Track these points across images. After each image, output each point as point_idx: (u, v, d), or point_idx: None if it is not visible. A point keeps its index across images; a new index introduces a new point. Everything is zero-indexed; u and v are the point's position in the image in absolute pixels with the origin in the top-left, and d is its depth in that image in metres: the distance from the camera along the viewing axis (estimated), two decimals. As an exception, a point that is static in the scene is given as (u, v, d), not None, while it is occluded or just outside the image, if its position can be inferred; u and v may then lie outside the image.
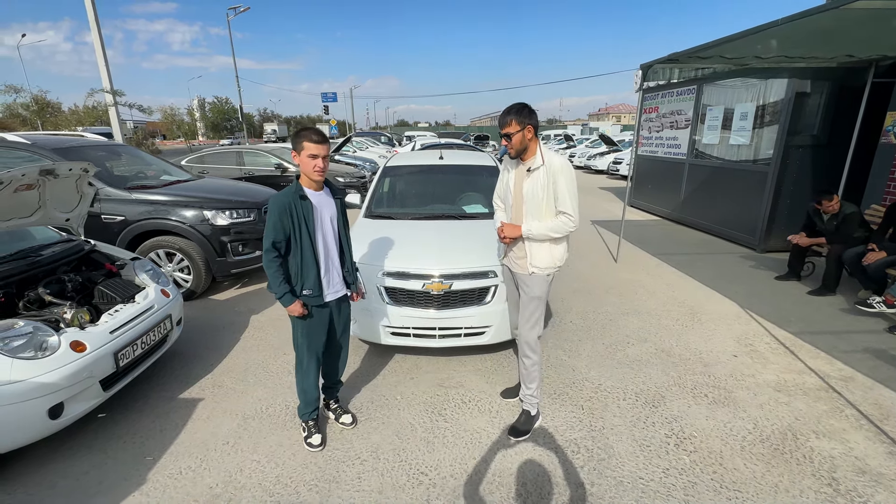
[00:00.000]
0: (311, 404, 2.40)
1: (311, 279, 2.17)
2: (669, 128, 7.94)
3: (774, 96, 5.55)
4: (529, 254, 2.37)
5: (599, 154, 16.80)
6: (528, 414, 2.55)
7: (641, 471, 2.21)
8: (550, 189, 2.25)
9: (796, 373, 3.07)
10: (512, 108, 2.24)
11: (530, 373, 2.49)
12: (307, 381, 2.35)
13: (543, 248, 2.35)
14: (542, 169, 2.25)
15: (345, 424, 2.55)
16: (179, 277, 4.40)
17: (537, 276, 2.38)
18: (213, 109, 56.97)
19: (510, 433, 2.48)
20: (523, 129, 2.22)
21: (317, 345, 2.32)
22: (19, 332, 2.17)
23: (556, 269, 2.41)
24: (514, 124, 2.21)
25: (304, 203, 2.10)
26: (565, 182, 2.23)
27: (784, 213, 5.73)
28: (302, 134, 2.08)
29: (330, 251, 2.26)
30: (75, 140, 4.77)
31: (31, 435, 2.13)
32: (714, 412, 2.65)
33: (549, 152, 2.29)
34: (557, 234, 2.27)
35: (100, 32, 12.17)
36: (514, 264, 2.49)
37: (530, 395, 2.52)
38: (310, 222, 2.12)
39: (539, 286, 2.40)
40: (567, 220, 2.25)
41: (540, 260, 2.36)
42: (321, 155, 2.07)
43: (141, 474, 2.22)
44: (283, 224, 2.06)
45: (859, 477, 2.14)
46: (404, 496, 2.08)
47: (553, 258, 2.37)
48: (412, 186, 4.45)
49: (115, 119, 13.34)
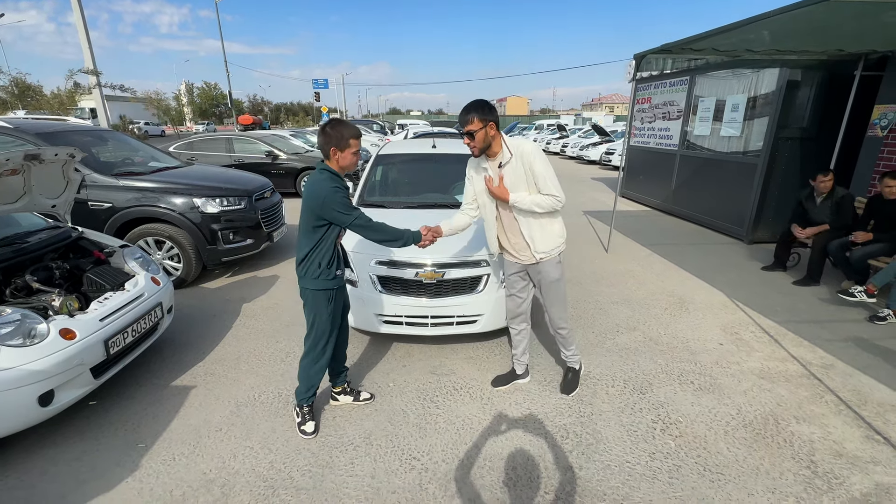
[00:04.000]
0: (312, 388, 2.42)
1: (342, 260, 2.35)
2: (662, 118, 7.96)
3: (765, 88, 5.59)
4: (531, 242, 2.39)
5: (592, 144, 16.81)
6: (573, 370, 2.78)
7: (628, 455, 2.27)
8: (529, 176, 2.26)
9: (779, 360, 3.15)
10: (472, 106, 2.23)
11: (567, 339, 2.68)
12: (319, 364, 2.37)
13: (541, 230, 2.37)
14: (514, 159, 2.26)
15: (366, 400, 2.69)
16: (169, 265, 4.36)
17: (547, 260, 2.42)
18: (202, 95, 55.77)
19: (562, 391, 2.74)
20: (485, 126, 2.21)
21: (337, 327, 2.41)
22: (7, 319, 2.14)
23: (561, 248, 2.44)
24: (475, 121, 2.20)
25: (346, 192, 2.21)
26: (540, 164, 2.25)
27: (772, 204, 5.82)
28: (346, 131, 2.12)
29: None
30: (59, 125, 4.67)
31: (21, 422, 2.12)
32: (699, 398, 2.72)
33: (513, 140, 2.30)
34: (541, 209, 2.29)
35: (82, 12, 11.82)
36: (519, 257, 2.50)
37: (571, 355, 2.74)
38: None
39: (553, 269, 2.45)
40: (553, 199, 2.27)
41: (543, 243, 2.39)
42: (360, 149, 2.20)
43: (134, 461, 2.23)
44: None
45: (836, 460, 2.22)
46: (397, 481, 2.11)
47: (554, 237, 2.40)
48: (405, 175, 4.43)
49: (99, 102, 13.02)
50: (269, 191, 5.17)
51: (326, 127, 2.15)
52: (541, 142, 23.22)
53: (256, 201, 4.74)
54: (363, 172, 4.29)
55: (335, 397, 2.66)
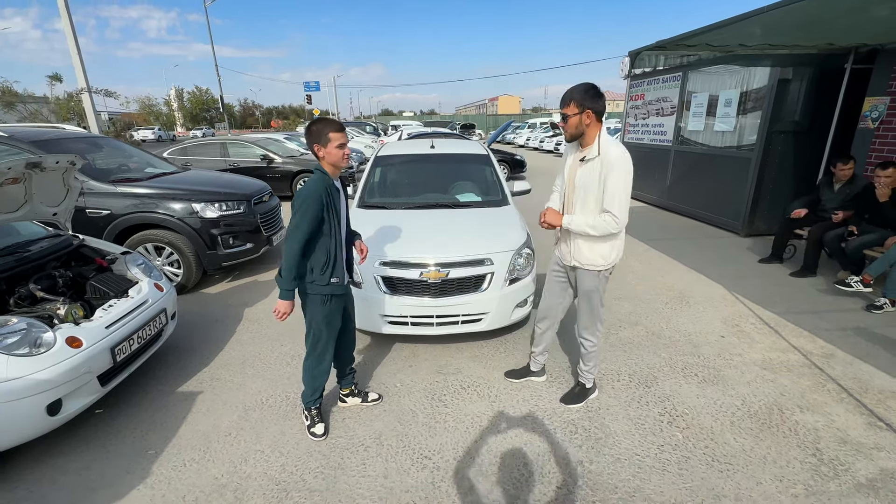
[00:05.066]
0: (318, 390, 2.42)
1: (340, 268, 2.24)
2: (655, 115, 8.02)
3: (758, 83, 5.66)
4: (573, 247, 2.34)
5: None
6: (582, 386, 2.66)
7: (637, 448, 2.29)
8: (601, 183, 2.12)
9: (781, 351, 3.19)
10: (575, 89, 2.09)
11: (589, 354, 2.56)
12: (321, 367, 2.37)
13: (585, 243, 2.29)
14: (598, 160, 2.12)
15: (374, 401, 2.69)
16: (169, 271, 4.33)
17: (581, 270, 2.36)
18: (192, 100, 55.43)
19: (564, 400, 2.64)
20: (581, 114, 2.07)
21: (336, 329, 2.37)
22: (13, 328, 2.13)
23: (603, 268, 2.32)
24: (572, 106, 2.08)
25: (336, 194, 2.17)
26: (617, 177, 2.08)
27: (767, 197, 5.88)
28: (324, 126, 2.09)
29: (347, 237, 2.36)
30: (54, 132, 4.62)
31: (30, 432, 2.11)
32: (704, 390, 2.75)
33: (608, 142, 2.13)
34: (597, 232, 2.17)
35: (70, 19, 11.70)
36: (564, 255, 2.46)
37: (587, 371, 2.61)
38: (340, 211, 2.20)
39: (586, 280, 2.37)
40: (610, 220, 2.12)
41: (582, 255, 2.31)
42: (345, 143, 2.12)
43: (144, 468, 2.22)
44: (317, 216, 2.08)
45: (841, 447, 2.26)
46: (410, 480, 2.12)
47: (596, 255, 2.29)
48: (404, 176, 4.45)
49: (90, 109, 12.89)
50: (268, 194, 5.16)
51: (310, 126, 2.13)
52: (534, 140, 23.29)
53: (255, 205, 4.73)
54: (362, 174, 4.30)
55: (343, 399, 2.67)
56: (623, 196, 2.11)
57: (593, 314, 2.46)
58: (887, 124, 4.83)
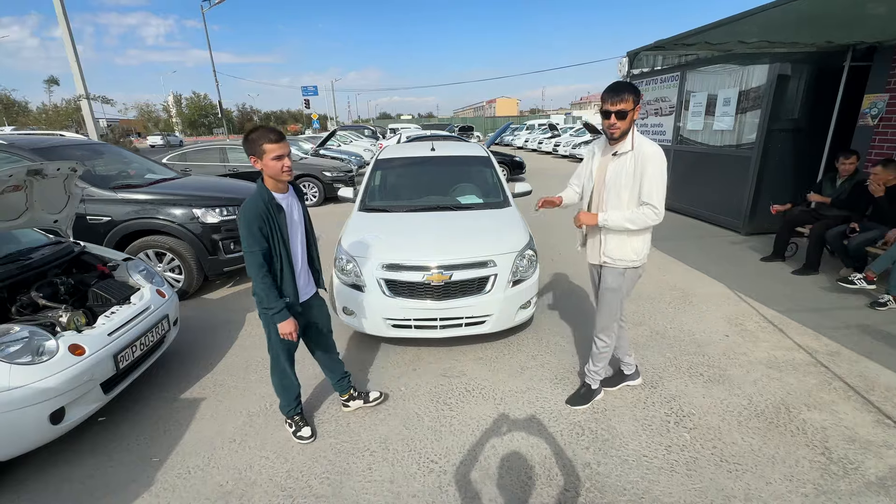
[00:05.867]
0: (293, 400, 2.42)
1: (288, 287, 2.12)
2: (654, 115, 8.03)
3: (756, 81, 5.66)
4: (602, 242, 2.29)
5: (584, 142, 16.92)
6: (588, 387, 2.62)
7: (644, 449, 2.28)
8: (636, 177, 2.12)
9: (786, 349, 3.18)
10: (625, 84, 2.06)
11: (600, 354, 2.53)
12: (286, 379, 2.35)
13: (617, 239, 2.25)
14: (630, 155, 2.12)
15: (377, 400, 2.66)
16: (171, 277, 4.32)
17: (610, 267, 2.31)
18: (190, 105, 55.54)
19: (568, 401, 2.61)
20: (635, 108, 2.05)
21: (293, 347, 2.30)
22: (15, 337, 2.11)
23: (633, 264, 2.29)
24: (629, 100, 2.02)
25: (278, 213, 2.00)
26: (654, 171, 2.08)
27: (767, 196, 5.87)
28: (257, 137, 1.91)
29: (304, 253, 2.24)
30: (54, 140, 4.62)
31: (33, 441, 2.09)
32: (710, 390, 2.74)
33: (640, 137, 2.15)
34: (636, 226, 2.16)
35: (68, 26, 11.72)
36: (588, 253, 2.44)
37: (594, 372, 2.58)
38: (284, 230, 2.03)
39: (613, 278, 2.32)
40: (650, 212, 2.12)
41: (612, 251, 2.27)
42: (285, 154, 1.93)
43: (148, 475, 2.20)
44: (262, 234, 1.96)
45: (850, 445, 2.24)
46: (416, 484, 2.11)
47: (627, 250, 2.25)
48: (405, 179, 4.44)
49: (88, 116, 12.90)
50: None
51: (247, 134, 1.96)
52: (533, 141, 23.33)
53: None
54: (363, 178, 4.29)
55: (345, 404, 2.64)
56: (662, 188, 2.11)
57: (612, 314, 2.42)
58: (887, 121, 4.84)
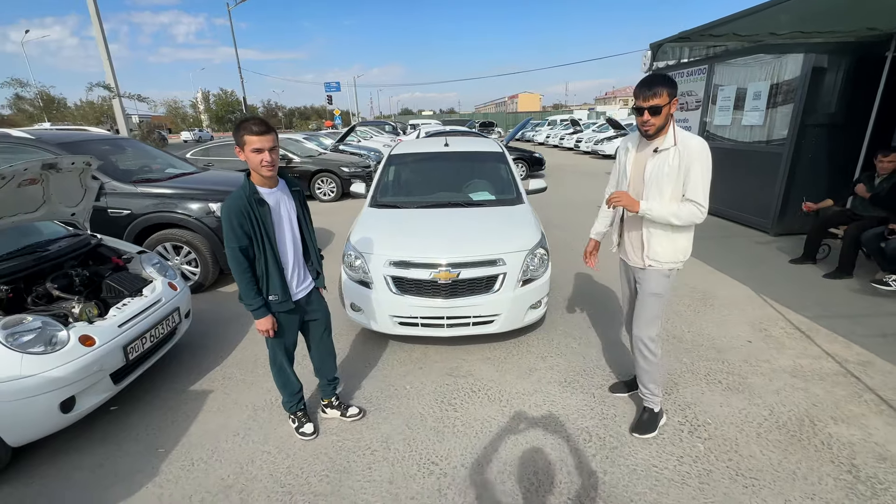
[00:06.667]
0: (295, 396, 2.40)
1: (275, 284, 2.06)
2: (679, 109, 7.74)
3: (789, 74, 5.37)
4: (647, 244, 2.14)
5: (607, 138, 16.54)
6: (651, 411, 2.35)
7: (655, 459, 2.18)
8: (680, 174, 1.99)
9: (813, 358, 3.00)
10: (659, 77, 1.94)
11: (649, 372, 2.28)
12: (285, 376, 2.34)
13: (664, 238, 2.12)
14: (674, 151, 1.99)
15: (354, 416, 2.52)
16: (187, 270, 4.41)
17: (655, 270, 2.17)
18: (218, 102, 56.92)
19: (634, 431, 2.33)
20: (671, 102, 1.94)
21: (289, 344, 2.28)
22: (28, 327, 2.17)
23: (677, 265, 2.18)
24: (664, 95, 1.90)
25: (261, 208, 1.93)
26: (701, 168, 1.97)
27: (799, 194, 5.57)
28: (241, 127, 1.87)
29: (297, 250, 2.18)
30: (79, 134, 4.77)
31: (44, 429, 2.15)
32: (728, 399, 2.61)
33: (682, 132, 2.03)
34: (679, 221, 2.02)
35: (101, 24, 12.11)
36: (628, 256, 2.30)
37: (650, 394, 2.33)
38: (269, 226, 1.97)
39: (657, 282, 2.18)
40: (695, 209, 1.99)
41: (659, 252, 2.13)
42: (266, 148, 1.86)
43: (154, 466, 2.23)
44: (243, 230, 1.92)
45: (880, 463, 2.09)
46: (415, 486, 2.07)
47: (675, 251, 2.14)
48: (418, 174, 4.39)
49: (119, 113, 13.34)
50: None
51: (236, 125, 1.91)
52: (554, 137, 22.95)
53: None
54: (375, 173, 4.26)
55: (323, 410, 2.57)
56: (707, 185, 1.99)
57: (653, 320, 2.24)
58: (933, 115, 4.51)
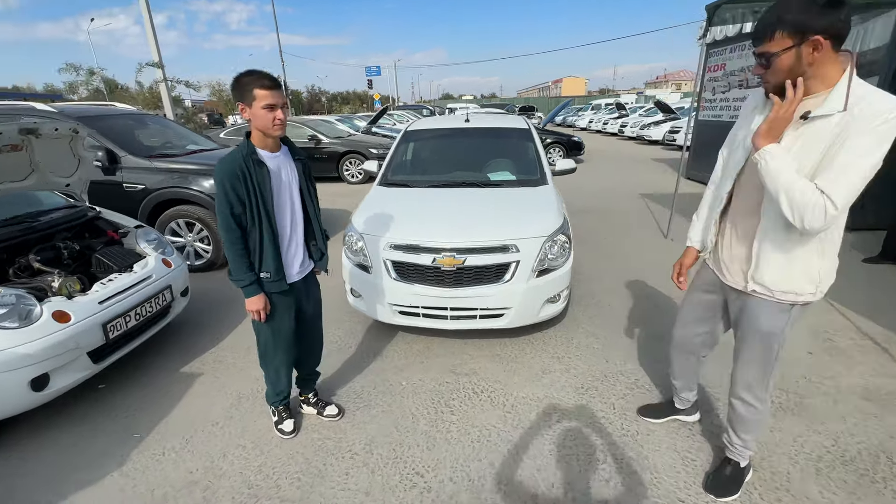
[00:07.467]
0: (281, 392, 2.18)
1: (269, 260, 1.81)
2: (738, 87, 6.93)
3: (876, 40, 4.58)
4: (755, 258, 1.46)
5: (654, 123, 15.45)
6: (736, 465, 1.82)
7: (682, 491, 1.80)
8: (837, 147, 1.23)
9: (891, 377, 2.48)
10: (782, 4, 1.23)
11: (746, 421, 1.72)
12: (272, 369, 2.11)
13: (785, 252, 1.41)
14: (839, 119, 1.22)
15: (331, 417, 2.28)
16: (200, 248, 4.34)
17: (765, 300, 1.49)
18: (264, 87, 58.53)
19: (710, 491, 1.78)
20: (800, 45, 1.21)
21: (283, 331, 2.00)
22: (1, 301, 2.06)
23: (806, 298, 1.45)
24: (780, 36, 1.23)
25: (259, 169, 1.71)
26: (867, 146, 1.19)
27: (879, 183, 4.76)
28: (248, 80, 1.64)
29: (296, 224, 1.92)
30: (101, 109, 4.77)
31: (12, 407, 2.05)
32: (781, 422, 2.16)
33: (868, 89, 1.23)
34: (791, 205, 1.26)
35: (150, 14, 12.44)
36: (724, 269, 1.62)
37: (741, 446, 1.77)
38: (266, 191, 1.73)
39: (769, 317, 1.50)
40: (824, 204, 1.21)
41: (774, 272, 1.43)
42: (279, 104, 1.66)
43: (124, 452, 2.10)
44: (236, 194, 1.69)
45: None
46: (394, 500, 1.81)
47: (800, 275, 1.42)
48: (434, 152, 4.08)
49: (166, 97, 13.76)
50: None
51: (237, 79, 1.68)
52: (598, 122, 21.82)
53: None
54: (389, 151, 3.98)
55: (300, 405, 2.35)
56: (861, 176, 1.21)
57: (766, 367, 1.60)
58: None
